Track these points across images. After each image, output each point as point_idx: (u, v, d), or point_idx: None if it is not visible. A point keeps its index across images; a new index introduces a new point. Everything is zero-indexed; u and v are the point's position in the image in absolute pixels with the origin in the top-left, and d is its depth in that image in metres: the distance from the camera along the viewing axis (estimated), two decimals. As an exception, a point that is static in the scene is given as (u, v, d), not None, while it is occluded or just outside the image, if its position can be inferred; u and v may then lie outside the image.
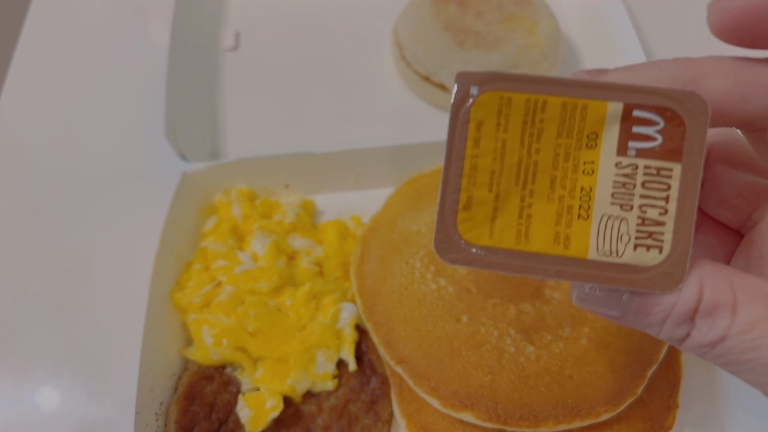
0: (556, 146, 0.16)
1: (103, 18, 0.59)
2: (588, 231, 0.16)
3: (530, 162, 0.16)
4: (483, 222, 0.16)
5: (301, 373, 0.36)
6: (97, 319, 0.42)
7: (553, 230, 0.16)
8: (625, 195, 0.16)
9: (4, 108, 0.52)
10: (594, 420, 0.34)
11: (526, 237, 0.16)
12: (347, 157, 0.45)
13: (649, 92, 0.16)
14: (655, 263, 0.16)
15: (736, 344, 0.15)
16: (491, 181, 0.16)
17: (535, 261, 0.16)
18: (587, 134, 0.16)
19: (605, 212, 0.16)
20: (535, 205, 0.16)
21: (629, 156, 0.16)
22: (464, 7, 0.49)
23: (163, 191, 0.41)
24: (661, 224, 0.16)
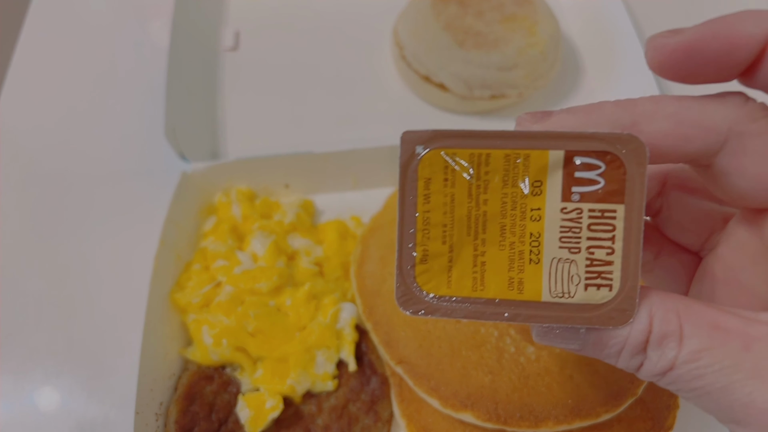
0: (503, 196, 0.17)
1: (103, 18, 0.59)
2: (540, 275, 0.17)
3: (479, 213, 0.17)
4: (440, 273, 0.17)
5: (301, 374, 0.36)
6: (97, 319, 0.42)
7: (506, 276, 0.17)
8: (572, 238, 0.16)
9: (4, 108, 0.52)
10: (594, 420, 0.34)
11: (482, 284, 0.17)
12: (347, 157, 0.45)
13: (589, 138, 0.16)
14: (606, 300, 0.16)
15: (683, 373, 0.16)
16: (444, 234, 0.17)
17: (492, 306, 0.17)
18: (532, 182, 0.17)
19: (555, 256, 0.17)
20: (488, 252, 0.17)
21: (573, 201, 0.16)
22: (464, 6, 0.49)
23: (162, 191, 0.41)
24: (609, 264, 0.16)
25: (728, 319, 0.16)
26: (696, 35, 0.16)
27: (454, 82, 0.48)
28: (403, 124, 0.52)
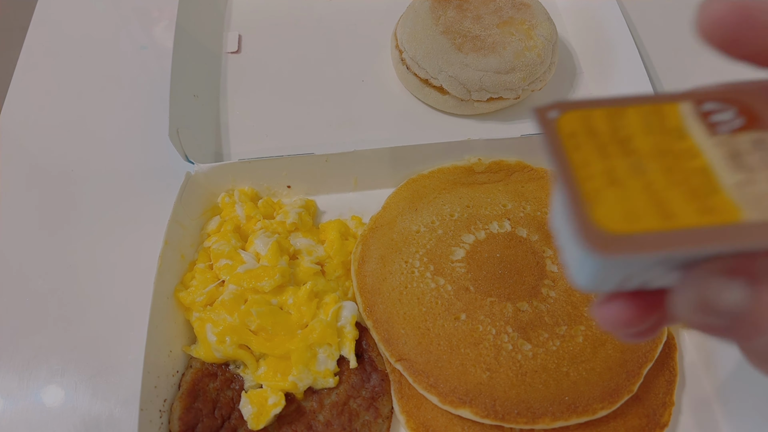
0: (651, 144, 0.16)
1: (107, 21, 0.60)
2: (726, 200, 0.15)
3: (633, 159, 0.16)
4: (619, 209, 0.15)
5: (303, 370, 0.37)
6: (102, 318, 0.42)
7: (693, 206, 0.15)
8: (741, 163, 0.15)
9: (11, 110, 0.53)
10: (590, 417, 0.35)
11: (670, 216, 0.15)
12: (348, 159, 0.46)
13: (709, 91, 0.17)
14: None
15: None
16: (607, 176, 0.16)
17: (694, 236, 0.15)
18: (672, 129, 0.16)
19: (732, 180, 0.15)
20: (661, 192, 0.15)
21: (721, 134, 0.16)
22: (462, 10, 0.50)
23: (167, 192, 0.42)
24: None
25: None
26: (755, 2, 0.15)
27: (452, 85, 0.49)
28: (403, 126, 0.53)
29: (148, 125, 0.52)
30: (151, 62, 0.56)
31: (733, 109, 0.16)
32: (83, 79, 0.55)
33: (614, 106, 0.17)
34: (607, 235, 0.15)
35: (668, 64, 0.57)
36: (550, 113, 0.17)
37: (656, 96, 0.17)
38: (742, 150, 0.16)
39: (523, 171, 0.47)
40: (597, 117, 0.17)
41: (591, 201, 0.15)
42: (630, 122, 0.17)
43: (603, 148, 0.16)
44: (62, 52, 0.57)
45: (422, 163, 0.47)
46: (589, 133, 0.17)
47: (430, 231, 0.42)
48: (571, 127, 0.17)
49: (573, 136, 0.17)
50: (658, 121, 0.17)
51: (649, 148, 0.16)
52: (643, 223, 0.15)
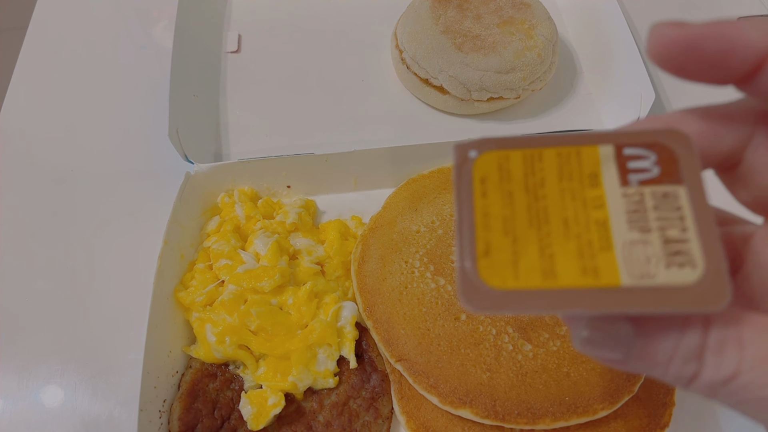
0: (560, 190, 0.16)
1: (107, 21, 0.60)
2: (614, 259, 0.15)
3: (539, 206, 0.16)
4: (505, 265, 0.16)
5: (303, 371, 0.37)
6: (102, 318, 0.42)
7: (578, 264, 0.16)
8: (640, 220, 0.16)
9: (9, 110, 0.53)
10: (591, 417, 0.35)
11: (552, 274, 0.15)
12: (348, 158, 0.46)
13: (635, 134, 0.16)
14: (693, 280, 0.15)
15: (750, 380, 0.14)
16: (505, 227, 0.16)
17: (567, 296, 0.15)
18: (587, 175, 0.16)
19: (626, 239, 0.16)
20: (554, 244, 0.16)
21: (632, 185, 0.16)
22: (463, 10, 0.50)
23: (166, 192, 0.42)
24: (685, 241, 0.15)
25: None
26: (700, 31, 0.16)
27: (452, 85, 0.49)
28: (403, 126, 0.53)
29: (148, 125, 0.52)
30: (150, 62, 0.56)
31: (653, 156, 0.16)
32: (83, 79, 0.55)
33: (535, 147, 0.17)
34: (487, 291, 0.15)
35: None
36: (470, 152, 0.17)
37: (580, 136, 0.17)
38: (647, 206, 0.16)
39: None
40: (514, 159, 0.17)
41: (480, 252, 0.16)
42: (547, 165, 0.17)
43: (510, 195, 0.16)
44: (62, 52, 0.57)
45: (422, 163, 0.47)
46: (501, 178, 0.17)
47: (430, 231, 0.42)
48: (485, 169, 0.17)
49: (484, 180, 0.17)
50: (575, 164, 0.16)
51: (558, 195, 0.16)
52: (524, 281, 0.15)
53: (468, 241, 0.16)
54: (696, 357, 0.15)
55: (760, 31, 0.16)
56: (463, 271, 0.16)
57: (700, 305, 0.15)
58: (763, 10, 0.61)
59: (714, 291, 0.15)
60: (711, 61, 0.16)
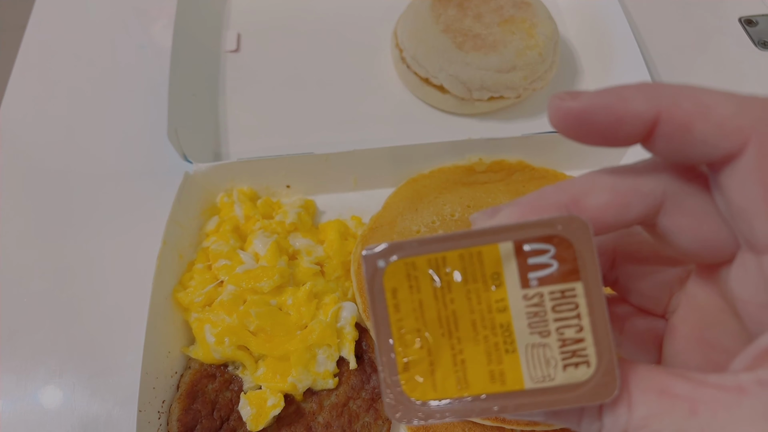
0: (466, 293, 0.17)
1: (106, 20, 0.59)
2: (518, 363, 0.17)
3: (449, 312, 0.17)
4: (424, 378, 0.17)
5: (302, 372, 0.36)
6: (100, 318, 0.42)
7: (487, 370, 0.17)
8: (540, 323, 0.17)
9: (8, 109, 0.53)
10: (592, 418, 0.34)
11: (465, 382, 0.17)
12: (348, 158, 0.45)
13: (533, 225, 0.17)
14: (586, 378, 0.17)
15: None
16: (420, 338, 0.17)
17: (479, 402, 0.17)
18: (490, 275, 0.17)
19: (527, 342, 0.17)
20: (465, 350, 0.17)
21: (532, 287, 0.17)
22: (463, 9, 0.50)
23: (165, 191, 0.42)
24: (580, 341, 0.17)
25: (676, 383, 0.16)
26: (588, 104, 0.17)
27: (453, 84, 0.49)
28: (403, 125, 0.53)
29: (147, 124, 0.52)
30: (149, 61, 0.56)
31: (552, 250, 0.17)
32: (81, 79, 0.55)
33: (438, 252, 0.17)
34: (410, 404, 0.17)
35: (670, 62, 0.57)
36: (379, 262, 0.18)
37: (480, 233, 0.17)
38: (546, 307, 0.17)
39: (524, 171, 0.47)
40: (421, 265, 0.17)
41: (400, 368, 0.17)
42: (452, 269, 0.17)
43: (421, 305, 0.17)
44: (60, 52, 0.57)
45: (422, 163, 0.47)
46: (411, 287, 0.18)
47: (430, 231, 0.42)
48: (395, 280, 0.18)
49: (395, 292, 0.18)
50: (478, 265, 0.17)
51: (465, 298, 0.17)
52: (441, 392, 0.17)
53: (388, 359, 0.17)
54: (597, 417, 0.17)
55: (646, 99, 0.16)
56: (387, 387, 0.17)
57: (592, 399, 0.17)
58: (765, 9, 0.61)
59: (604, 385, 0.16)
60: (604, 131, 0.17)
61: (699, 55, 0.57)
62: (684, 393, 0.15)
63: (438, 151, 0.46)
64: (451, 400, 0.17)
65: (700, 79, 0.54)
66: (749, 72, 0.56)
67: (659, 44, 0.58)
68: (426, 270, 0.17)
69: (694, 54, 0.57)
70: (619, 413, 0.16)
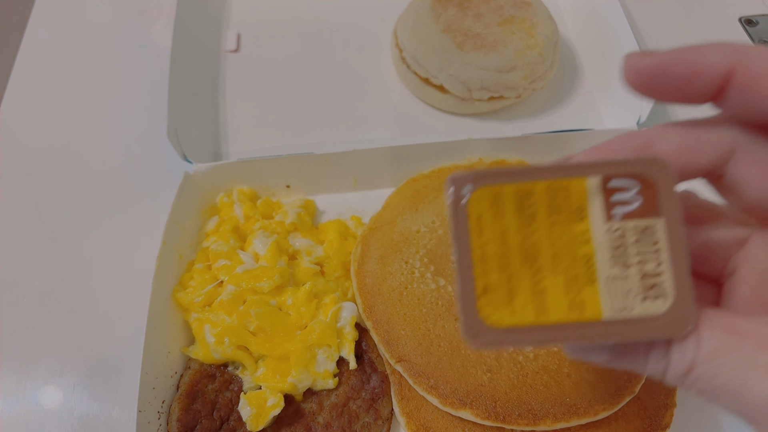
0: (550, 225, 0.18)
1: (106, 20, 0.59)
2: (597, 294, 0.17)
3: (531, 243, 0.18)
4: (502, 304, 0.18)
5: (302, 372, 0.36)
6: (100, 318, 0.42)
7: (566, 299, 0.17)
8: (621, 256, 0.17)
9: (9, 109, 0.53)
10: (592, 418, 0.34)
11: (544, 310, 0.17)
12: (348, 158, 0.45)
13: (619, 164, 0.18)
14: (663, 311, 0.17)
15: (702, 372, 0.17)
16: (500, 265, 0.18)
17: (557, 331, 0.17)
18: (575, 209, 0.18)
19: (608, 274, 0.17)
20: (545, 280, 0.18)
21: (616, 221, 0.17)
22: (463, 9, 0.50)
23: (165, 191, 0.42)
24: (659, 275, 0.17)
25: (743, 322, 0.17)
26: (665, 59, 0.17)
27: (453, 84, 0.49)
28: (403, 125, 0.53)
29: (147, 124, 0.52)
30: (149, 61, 0.56)
31: (636, 187, 0.17)
32: (81, 79, 0.55)
33: (526, 181, 0.18)
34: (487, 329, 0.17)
35: (670, 63, 0.57)
36: (464, 189, 0.18)
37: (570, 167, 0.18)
38: (628, 241, 0.17)
39: (524, 170, 0.47)
40: (507, 194, 0.18)
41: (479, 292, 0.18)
42: (537, 200, 0.18)
43: (504, 233, 0.18)
44: (60, 52, 0.57)
45: (423, 163, 0.47)
46: (496, 214, 0.18)
47: (430, 231, 0.42)
48: (480, 207, 0.18)
49: (479, 219, 0.18)
50: (564, 197, 0.18)
51: (548, 230, 0.18)
52: (519, 317, 0.17)
53: (468, 282, 0.18)
54: (664, 355, 0.17)
55: (721, 55, 0.17)
56: (465, 311, 0.18)
57: (667, 332, 0.17)
58: (765, 9, 0.61)
59: (680, 319, 0.17)
60: (678, 85, 0.18)
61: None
62: (751, 330, 0.16)
63: (438, 151, 0.46)
64: (528, 327, 0.17)
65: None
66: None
67: (659, 44, 0.58)
68: (511, 199, 0.18)
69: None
70: (687, 348, 0.17)
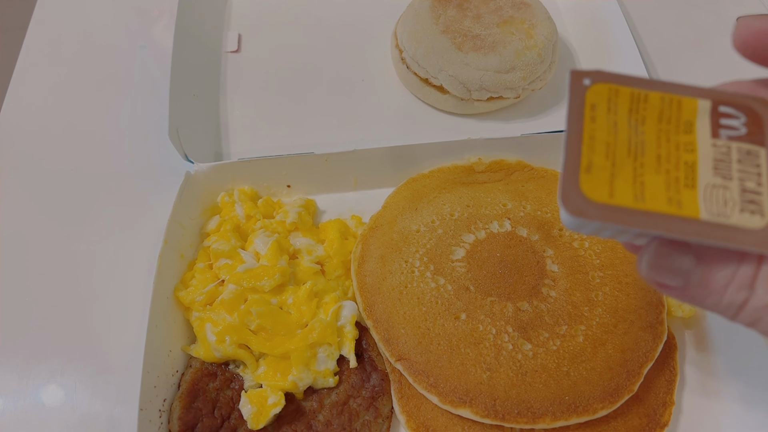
0: (658, 130, 0.19)
1: (107, 20, 0.60)
2: (696, 197, 0.18)
3: (638, 140, 0.19)
4: (603, 183, 0.18)
5: (303, 370, 0.37)
6: (102, 317, 0.42)
7: (665, 194, 0.18)
8: (724, 168, 0.18)
9: (10, 109, 0.53)
10: (591, 416, 0.35)
11: (642, 197, 0.18)
12: (348, 158, 0.46)
13: (731, 95, 0.19)
14: (760, 226, 0.18)
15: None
16: (607, 151, 0.19)
17: (651, 218, 0.18)
18: (684, 122, 0.19)
19: (709, 181, 0.18)
20: (646, 175, 0.18)
21: (722, 138, 0.19)
22: (463, 10, 0.50)
23: (166, 191, 0.42)
24: (759, 193, 0.18)
25: None
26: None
27: (452, 85, 0.49)
28: (403, 125, 0.53)
29: (148, 124, 0.52)
30: (150, 61, 0.56)
31: (743, 118, 0.19)
32: (82, 79, 0.55)
33: (643, 88, 0.19)
34: (584, 201, 0.18)
35: (668, 63, 0.57)
36: (585, 80, 0.19)
37: (684, 87, 0.19)
38: (732, 158, 0.18)
39: (524, 170, 0.47)
40: (623, 94, 0.19)
41: (583, 168, 0.19)
42: (650, 106, 0.19)
43: (615, 125, 0.19)
44: (61, 52, 0.57)
45: (422, 163, 0.47)
46: (609, 108, 0.19)
47: (430, 230, 0.42)
48: (596, 97, 0.19)
49: (594, 107, 0.19)
50: (675, 110, 0.19)
51: (656, 134, 0.19)
52: (618, 199, 0.18)
53: (574, 156, 0.19)
54: (748, 285, 0.18)
55: None
56: (566, 180, 0.18)
57: (762, 247, 0.17)
58: (763, 9, 0.61)
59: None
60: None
61: (698, 56, 0.57)
62: None
63: (437, 151, 0.46)
64: (624, 209, 0.18)
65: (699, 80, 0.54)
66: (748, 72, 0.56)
67: (658, 44, 0.58)
68: (627, 99, 0.19)
69: (693, 54, 0.58)
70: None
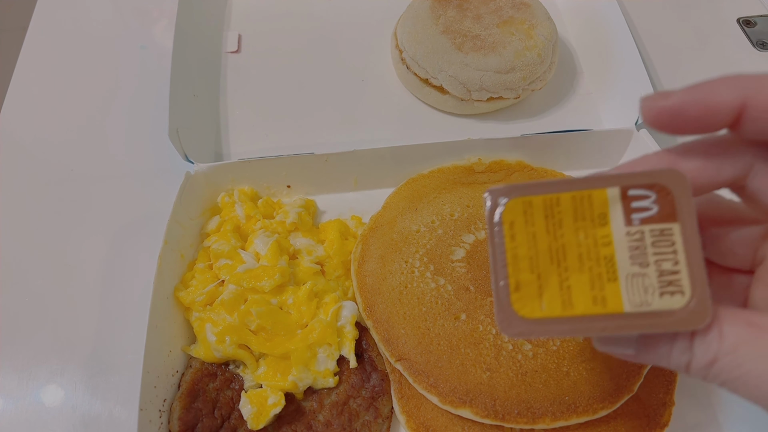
0: (575, 229, 0.20)
1: (107, 21, 0.60)
2: (618, 290, 0.19)
3: (558, 245, 0.20)
4: (532, 298, 0.20)
5: (303, 370, 0.37)
6: (102, 317, 0.42)
7: (590, 294, 0.19)
8: (640, 256, 0.19)
9: (10, 110, 0.53)
10: (591, 416, 0.35)
11: (570, 304, 0.19)
12: (348, 158, 0.46)
13: (638, 176, 0.20)
14: (681, 305, 0.18)
15: (725, 364, 0.18)
16: (531, 265, 0.20)
17: (581, 322, 0.19)
18: (597, 215, 0.20)
19: (628, 272, 0.19)
20: (571, 278, 0.20)
21: (635, 225, 0.19)
22: (463, 10, 0.50)
23: (166, 191, 0.42)
24: (676, 273, 0.19)
25: (761, 317, 0.18)
26: (679, 101, 0.19)
27: (452, 85, 0.49)
28: (403, 125, 0.53)
29: (148, 125, 0.52)
30: (150, 62, 0.56)
31: (653, 196, 0.19)
32: (83, 79, 0.55)
33: (553, 192, 0.20)
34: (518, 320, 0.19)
35: (668, 64, 0.57)
36: (501, 199, 0.21)
37: (592, 179, 0.20)
38: (646, 243, 0.19)
39: (524, 170, 0.47)
40: (536, 204, 0.20)
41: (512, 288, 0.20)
42: (564, 208, 0.20)
43: (534, 236, 0.20)
44: (62, 52, 0.57)
45: (422, 163, 0.47)
46: (527, 221, 0.20)
47: (430, 231, 0.42)
48: (513, 215, 0.20)
49: (512, 225, 0.20)
50: (587, 205, 0.20)
51: (574, 233, 0.20)
52: (548, 310, 0.20)
53: (501, 280, 0.20)
54: (688, 348, 0.19)
55: (732, 90, 0.19)
56: (500, 304, 0.20)
57: (686, 325, 0.18)
58: (763, 9, 0.61)
59: (698, 313, 0.18)
60: (695, 122, 0.19)
61: (697, 56, 0.58)
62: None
63: (437, 151, 0.46)
64: (556, 319, 0.19)
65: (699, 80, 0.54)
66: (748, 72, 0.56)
67: (658, 45, 0.58)
68: (541, 208, 0.20)
69: (693, 54, 0.58)
70: (710, 341, 0.18)
